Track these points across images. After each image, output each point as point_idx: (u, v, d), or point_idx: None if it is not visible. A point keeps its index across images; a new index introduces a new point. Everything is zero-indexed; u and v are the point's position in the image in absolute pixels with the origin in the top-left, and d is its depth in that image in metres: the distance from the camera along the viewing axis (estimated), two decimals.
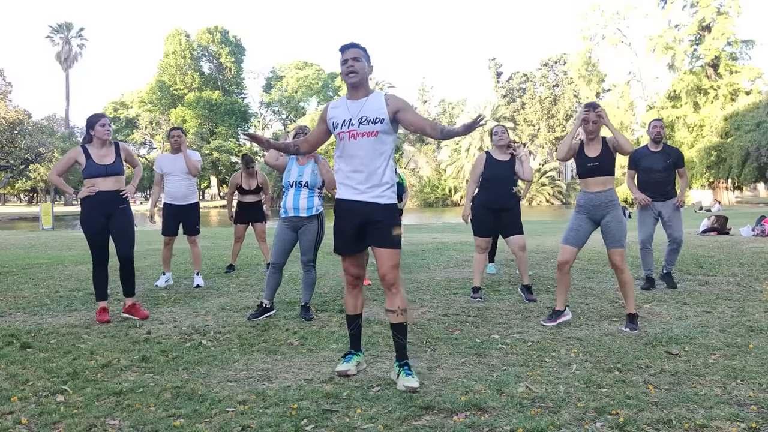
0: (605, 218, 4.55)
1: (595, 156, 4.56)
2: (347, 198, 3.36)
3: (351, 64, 3.28)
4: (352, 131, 3.29)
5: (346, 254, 3.43)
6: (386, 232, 3.31)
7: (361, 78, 3.31)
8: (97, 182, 4.88)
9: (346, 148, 3.32)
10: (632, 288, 4.60)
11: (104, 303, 5.05)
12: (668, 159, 6.19)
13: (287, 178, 5.04)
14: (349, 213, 3.36)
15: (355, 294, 3.54)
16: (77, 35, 66.88)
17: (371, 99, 3.34)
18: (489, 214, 5.78)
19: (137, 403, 3.01)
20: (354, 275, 3.49)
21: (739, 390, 3.11)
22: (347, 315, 3.60)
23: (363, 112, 3.29)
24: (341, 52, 3.35)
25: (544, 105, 62.66)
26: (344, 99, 3.41)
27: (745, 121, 36.20)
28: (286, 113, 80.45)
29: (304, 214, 4.99)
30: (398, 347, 3.38)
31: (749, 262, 7.91)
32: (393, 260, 3.31)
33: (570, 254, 4.61)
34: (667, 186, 6.24)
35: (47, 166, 46.72)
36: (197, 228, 6.90)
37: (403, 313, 3.35)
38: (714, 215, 13.82)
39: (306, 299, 5.09)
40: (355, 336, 3.61)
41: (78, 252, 10.97)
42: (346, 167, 3.34)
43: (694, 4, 40.28)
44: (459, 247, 10.60)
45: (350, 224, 3.35)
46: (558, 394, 3.07)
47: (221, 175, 71.74)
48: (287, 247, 5.07)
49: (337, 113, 3.38)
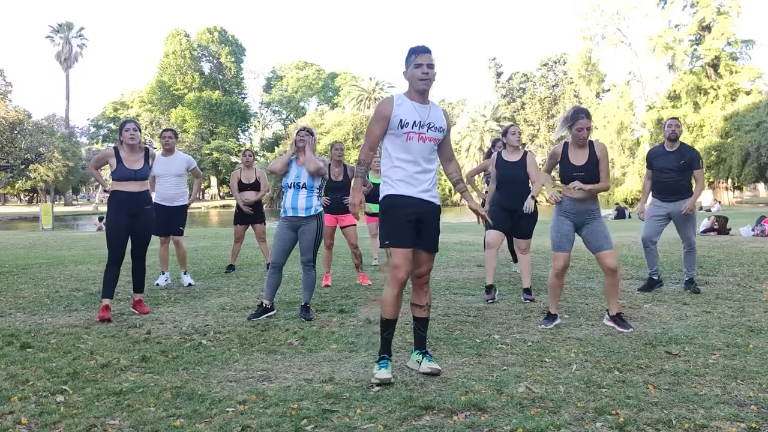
0: (588, 226, 4.54)
1: (582, 164, 4.49)
2: (407, 194, 3.41)
3: (427, 71, 3.37)
4: (422, 134, 3.41)
5: (403, 245, 3.36)
6: (433, 234, 3.51)
7: (431, 86, 3.45)
8: (124, 185, 5.17)
9: (411, 149, 3.41)
10: (618, 289, 4.59)
11: (108, 301, 5.08)
12: (681, 160, 5.97)
13: (286, 180, 5.07)
14: (407, 207, 3.40)
15: (400, 296, 3.42)
16: (77, 35, 66.83)
17: (434, 108, 3.51)
18: (505, 214, 5.72)
19: (137, 403, 3.01)
20: (407, 271, 3.39)
21: (739, 390, 3.10)
22: (386, 320, 3.44)
23: (431, 119, 3.44)
24: (415, 54, 3.38)
25: (544, 105, 62.65)
26: (406, 99, 3.45)
27: (745, 121, 36.20)
28: (286, 113, 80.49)
29: (303, 214, 5.01)
30: (419, 338, 3.57)
31: (749, 262, 7.90)
32: (432, 262, 3.57)
33: (567, 260, 4.61)
34: (680, 187, 6.01)
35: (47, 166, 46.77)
36: (181, 229, 6.95)
37: (428, 309, 3.57)
38: (714, 215, 13.83)
39: (306, 299, 5.10)
40: (389, 341, 3.48)
41: (78, 252, 10.98)
42: (411, 168, 3.42)
43: (694, 4, 40.27)
44: (459, 247, 10.60)
45: (409, 219, 3.39)
46: (558, 394, 3.07)
47: (221, 175, 71.74)
48: (287, 247, 5.08)
49: (405, 112, 3.40)
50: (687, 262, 6.14)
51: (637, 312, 5.07)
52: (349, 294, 6.13)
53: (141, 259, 5.32)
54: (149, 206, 5.31)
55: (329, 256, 6.84)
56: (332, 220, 6.77)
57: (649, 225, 6.19)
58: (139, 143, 5.29)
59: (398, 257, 3.37)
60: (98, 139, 73.77)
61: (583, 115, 4.42)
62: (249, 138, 78.75)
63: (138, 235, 5.24)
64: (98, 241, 13.92)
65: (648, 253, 6.23)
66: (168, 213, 6.79)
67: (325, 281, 6.67)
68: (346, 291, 6.31)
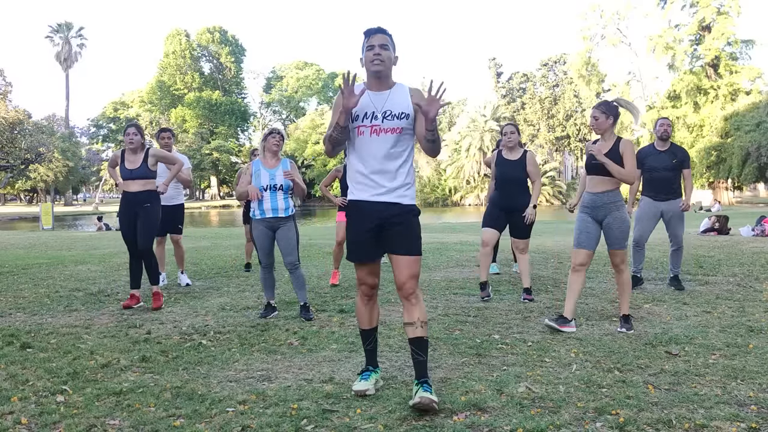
0: (606, 219, 4.53)
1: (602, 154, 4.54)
2: (364, 199, 3.03)
3: (378, 52, 2.94)
4: (375, 126, 2.98)
5: (363, 261, 3.10)
6: (406, 237, 3.01)
7: (387, 68, 2.99)
8: (127, 184, 5.50)
9: (364, 144, 3.01)
10: (629, 289, 4.59)
11: (136, 291, 5.56)
12: (674, 158, 6.11)
13: (259, 183, 5.00)
14: (365, 215, 3.03)
15: (371, 306, 3.20)
16: (77, 35, 66.84)
17: (395, 91, 3.03)
18: (501, 213, 5.76)
19: (137, 403, 3.01)
20: (370, 285, 3.13)
21: (739, 390, 3.10)
22: (362, 330, 3.25)
23: (387, 106, 2.98)
24: (366, 36, 3.00)
25: (544, 105, 62.64)
26: (364, 87, 3.00)
27: (745, 121, 36.18)
28: (286, 113, 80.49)
29: (282, 215, 5.02)
30: (418, 364, 3.00)
31: (749, 262, 7.90)
32: (413, 269, 3.00)
33: (585, 257, 4.55)
34: (672, 185, 6.15)
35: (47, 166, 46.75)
36: (180, 228, 6.96)
37: (423, 325, 3.00)
38: (714, 215, 13.83)
39: (303, 299, 5.10)
40: (371, 351, 3.26)
41: (78, 252, 10.97)
42: (365, 168, 3.02)
43: (694, 4, 40.27)
44: (459, 247, 10.60)
45: (367, 228, 3.03)
46: (558, 394, 3.07)
47: (221, 175, 71.76)
48: (271, 246, 5.12)
49: (359, 104, 2.96)
50: (674, 259, 6.27)
51: (637, 312, 5.07)
52: (349, 294, 6.12)
53: (144, 253, 5.51)
54: (148, 204, 5.48)
55: (339, 252, 6.68)
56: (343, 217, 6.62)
57: (642, 225, 6.24)
58: (141, 145, 5.53)
59: (359, 272, 3.14)
60: (98, 139, 73.79)
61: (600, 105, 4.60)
62: (249, 138, 78.75)
63: (139, 231, 5.46)
64: (98, 241, 13.92)
65: (637, 253, 6.27)
66: (165, 212, 6.78)
67: (333, 279, 6.59)
68: (346, 291, 6.31)
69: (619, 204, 4.53)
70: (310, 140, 64.85)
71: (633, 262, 6.28)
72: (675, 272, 6.25)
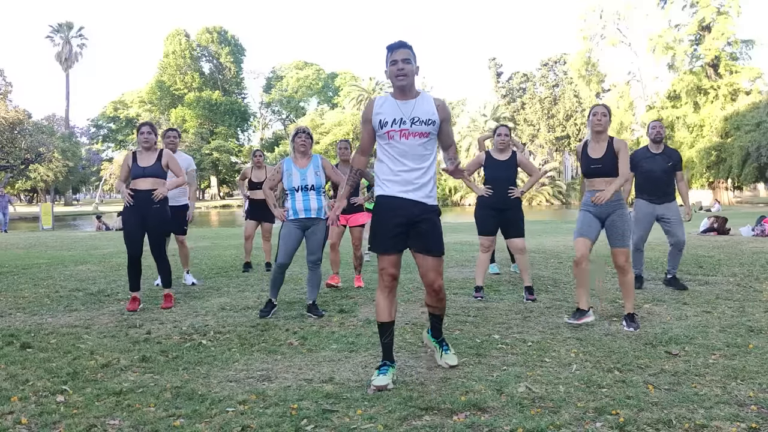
0: (610, 217, 4.55)
1: (598, 158, 4.56)
2: (393, 194, 3.30)
3: (401, 67, 3.25)
4: (404, 131, 3.27)
5: (386, 252, 3.30)
6: (432, 236, 3.32)
7: (410, 81, 3.29)
8: (137, 183, 5.38)
9: (393, 147, 3.30)
10: (633, 288, 4.60)
11: (136, 293, 5.44)
12: (669, 161, 6.15)
13: (291, 184, 5.03)
14: (393, 209, 3.30)
15: (391, 298, 3.35)
16: (77, 35, 66.87)
17: (421, 100, 3.33)
18: (492, 214, 5.81)
19: (137, 403, 3.01)
20: (392, 275, 3.31)
21: (739, 390, 3.10)
22: (381, 323, 3.36)
23: (415, 113, 3.28)
24: (389, 51, 3.30)
25: (544, 105, 62.64)
26: (389, 98, 3.35)
27: (745, 121, 36.18)
28: (286, 113, 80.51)
29: (315, 215, 5.03)
30: (435, 329, 3.65)
31: (749, 262, 7.90)
32: (439, 267, 3.35)
33: (585, 246, 4.58)
34: (668, 187, 6.20)
35: (47, 166, 46.72)
36: (185, 228, 6.95)
37: (442, 309, 3.58)
38: (714, 215, 13.83)
39: (313, 297, 5.15)
40: (388, 345, 3.37)
41: (78, 252, 10.97)
42: (395, 167, 3.30)
43: (694, 4, 40.26)
44: (459, 247, 10.60)
45: (393, 222, 3.28)
46: (558, 394, 3.07)
47: (221, 175, 71.74)
48: (295, 248, 5.10)
49: (385, 111, 3.31)
50: (672, 260, 6.27)
51: (637, 312, 5.06)
52: (349, 294, 6.12)
53: (158, 256, 5.47)
54: (157, 204, 5.38)
55: (337, 257, 6.65)
56: (341, 219, 6.59)
57: (641, 228, 6.25)
58: (155, 144, 5.49)
59: (382, 262, 3.32)
60: (98, 139, 73.79)
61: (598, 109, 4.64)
62: (248, 138, 78.79)
63: (150, 233, 5.40)
64: (98, 241, 13.92)
65: (638, 255, 6.28)
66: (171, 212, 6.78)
67: (331, 280, 6.54)
68: (346, 291, 6.31)
69: (622, 202, 4.57)
70: None
71: (633, 265, 6.28)
72: (673, 272, 6.27)
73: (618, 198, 4.56)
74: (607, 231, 4.59)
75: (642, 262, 6.32)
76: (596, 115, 4.57)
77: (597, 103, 4.83)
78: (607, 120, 4.57)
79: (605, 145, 4.57)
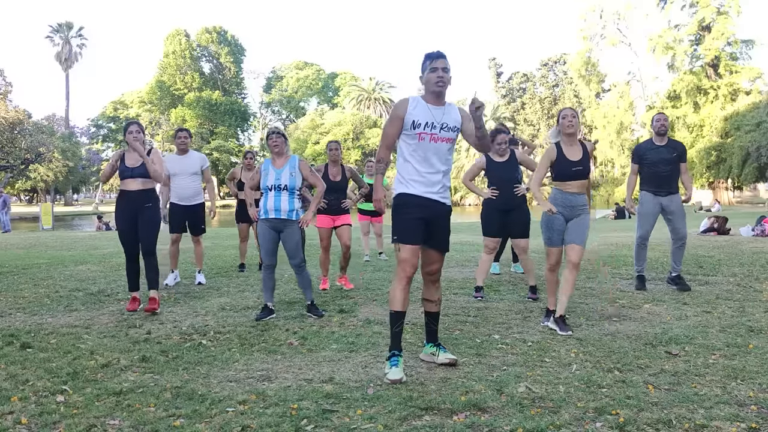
0: (574, 219, 4.58)
1: (578, 160, 4.57)
2: (419, 194, 3.51)
3: (442, 75, 3.48)
4: (434, 135, 3.50)
5: (412, 243, 3.48)
6: (444, 234, 3.63)
7: (446, 89, 3.53)
8: (126, 183, 5.32)
9: (423, 150, 3.50)
10: (573, 289, 4.61)
11: (135, 293, 5.42)
12: (674, 153, 6.13)
13: (265, 183, 5.01)
14: (419, 206, 3.51)
15: (407, 289, 3.53)
16: (77, 35, 66.85)
17: (450, 108, 3.58)
18: (498, 215, 5.82)
19: (137, 403, 3.01)
20: (414, 266, 3.51)
21: (739, 390, 3.10)
22: (395, 311, 3.50)
23: (444, 119, 3.53)
24: (430, 59, 3.51)
25: (544, 105, 62.62)
26: (421, 100, 3.55)
27: (745, 121, 36.16)
28: (286, 113, 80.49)
29: (285, 217, 4.99)
30: (431, 332, 3.74)
31: (749, 262, 7.90)
32: (442, 261, 3.69)
33: (560, 255, 4.66)
34: (673, 180, 6.17)
35: (47, 166, 46.69)
36: (203, 228, 6.96)
37: (439, 303, 3.73)
38: (714, 215, 13.82)
39: (309, 298, 5.15)
40: (398, 334, 3.51)
41: (78, 252, 10.97)
42: (421, 168, 3.51)
43: (694, 4, 40.25)
44: (459, 247, 10.60)
45: (418, 216, 3.50)
46: (558, 394, 3.07)
47: (221, 175, 71.71)
48: (274, 247, 5.09)
49: (418, 113, 3.50)
50: (676, 257, 6.21)
51: (637, 312, 5.07)
52: (349, 294, 6.12)
53: (148, 255, 5.36)
54: (150, 204, 5.34)
55: (326, 259, 6.58)
56: (328, 221, 6.48)
57: (646, 221, 6.22)
58: (142, 143, 5.36)
59: (405, 252, 3.48)
60: (98, 139, 73.75)
61: None
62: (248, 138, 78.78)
63: (141, 233, 5.32)
64: (98, 241, 13.92)
65: (641, 250, 6.27)
66: (186, 212, 6.81)
67: (323, 285, 6.45)
68: (346, 291, 6.31)
69: (587, 207, 4.67)
70: (310, 140, 64.81)
71: (637, 261, 6.29)
72: (677, 270, 6.21)
73: (585, 202, 4.62)
74: (570, 228, 4.58)
75: (645, 260, 6.29)
76: (566, 118, 4.58)
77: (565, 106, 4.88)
78: (577, 121, 4.63)
79: (580, 147, 4.62)
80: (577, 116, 4.64)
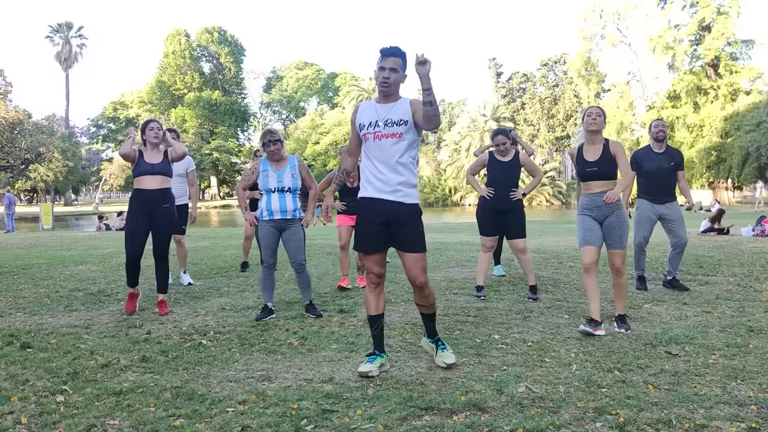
0: (608, 218, 4.52)
1: (594, 161, 4.53)
2: (371, 196, 3.44)
3: (387, 76, 3.37)
4: (377, 132, 3.40)
5: (367, 251, 3.48)
6: (411, 235, 3.42)
7: (393, 90, 3.42)
8: (143, 181, 5.19)
9: (371, 150, 3.44)
10: (625, 290, 4.58)
11: (133, 289, 5.28)
12: (672, 161, 6.13)
13: (267, 185, 5.00)
14: (373, 210, 3.43)
15: (377, 293, 3.55)
16: (77, 35, 66.88)
17: (399, 103, 3.44)
18: (493, 215, 5.83)
19: (137, 403, 3.01)
20: (377, 274, 3.50)
21: (739, 390, 3.10)
22: (370, 315, 3.59)
23: (389, 115, 3.40)
24: (381, 56, 3.38)
25: (544, 105, 62.67)
26: (372, 102, 3.52)
27: (745, 121, 36.18)
28: (286, 113, 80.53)
29: (290, 216, 5.01)
30: (429, 328, 3.69)
31: (749, 262, 7.90)
32: (420, 263, 3.43)
33: (594, 254, 4.51)
34: (670, 187, 6.17)
35: (47, 166, 46.70)
36: (183, 228, 6.96)
37: (432, 306, 3.62)
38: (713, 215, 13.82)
39: (308, 298, 5.15)
40: (378, 337, 3.57)
41: (78, 252, 10.97)
42: (372, 169, 3.44)
43: (694, 4, 40.28)
44: (459, 247, 10.60)
45: (374, 222, 3.42)
46: (558, 394, 3.07)
47: (221, 175, 71.73)
48: (275, 247, 5.10)
49: (364, 116, 3.47)
50: (673, 261, 6.23)
51: (637, 312, 5.07)
52: (349, 294, 6.13)
53: (162, 259, 5.32)
54: (167, 204, 5.28)
55: (346, 257, 6.62)
56: (349, 220, 6.56)
57: (643, 228, 6.23)
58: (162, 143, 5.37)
59: (366, 261, 3.52)
60: (98, 139, 73.78)
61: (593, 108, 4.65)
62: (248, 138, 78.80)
63: (156, 233, 5.25)
64: (98, 241, 13.92)
65: (640, 256, 6.27)
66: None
67: (342, 282, 6.45)
68: (346, 291, 6.31)
69: (620, 203, 4.53)
70: (310, 140, 64.90)
71: (636, 266, 6.29)
72: (674, 274, 6.24)
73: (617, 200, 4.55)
74: (604, 232, 4.56)
75: (644, 263, 6.31)
76: (591, 116, 4.55)
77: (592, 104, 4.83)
78: (602, 120, 4.55)
79: (601, 147, 4.55)
80: (603, 114, 4.58)
